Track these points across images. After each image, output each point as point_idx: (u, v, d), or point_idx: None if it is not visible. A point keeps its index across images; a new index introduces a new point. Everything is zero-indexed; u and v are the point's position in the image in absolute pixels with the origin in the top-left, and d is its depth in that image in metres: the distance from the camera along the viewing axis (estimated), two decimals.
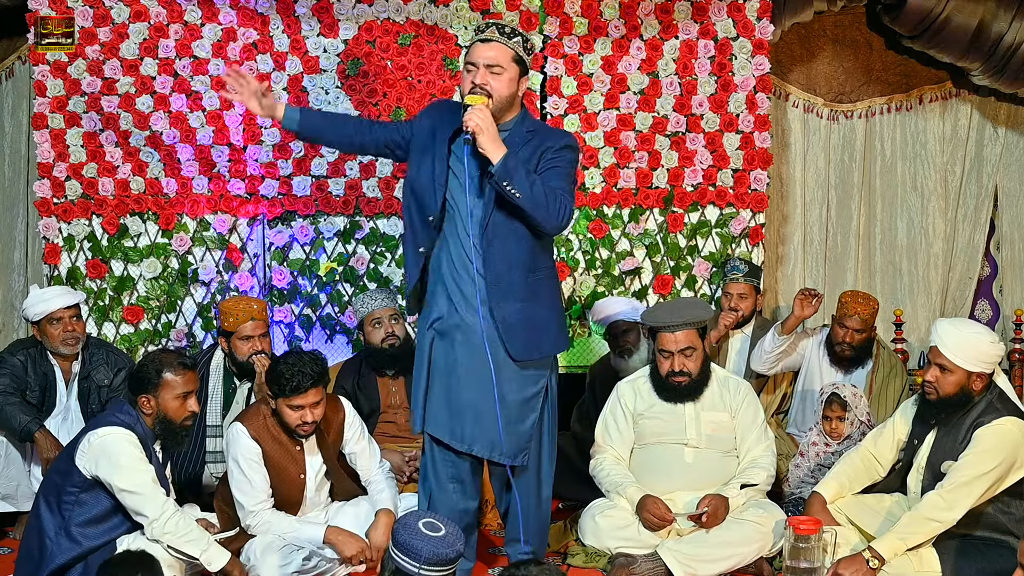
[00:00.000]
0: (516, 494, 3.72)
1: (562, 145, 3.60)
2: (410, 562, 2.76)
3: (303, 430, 3.90)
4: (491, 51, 3.49)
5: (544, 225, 3.53)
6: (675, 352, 4.15)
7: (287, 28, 5.27)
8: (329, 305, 5.38)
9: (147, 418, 3.66)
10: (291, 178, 5.30)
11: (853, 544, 3.85)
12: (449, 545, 2.79)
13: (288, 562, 3.79)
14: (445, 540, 2.80)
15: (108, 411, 3.80)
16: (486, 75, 3.48)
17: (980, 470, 3.66)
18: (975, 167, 6.04)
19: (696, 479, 4.17)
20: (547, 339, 3.66)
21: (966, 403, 3.76)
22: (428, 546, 2.76)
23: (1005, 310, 6.10)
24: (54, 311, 4.48)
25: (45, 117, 5.21)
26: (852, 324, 4.81)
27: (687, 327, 4.15)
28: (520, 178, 3.41)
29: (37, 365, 4.52)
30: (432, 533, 2.80)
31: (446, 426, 3.66)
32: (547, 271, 3.70)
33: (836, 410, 4.44)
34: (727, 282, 5.13)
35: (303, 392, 3.81)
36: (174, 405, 3.67)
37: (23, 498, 4.38)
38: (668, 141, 5.39)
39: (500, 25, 3.53)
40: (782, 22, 5.52)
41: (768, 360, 4.89)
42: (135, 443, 3.57)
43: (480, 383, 3.58)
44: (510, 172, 3.40)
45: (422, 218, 3.62)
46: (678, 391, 4.19)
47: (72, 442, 3.70)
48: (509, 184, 3.40)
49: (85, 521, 3.56)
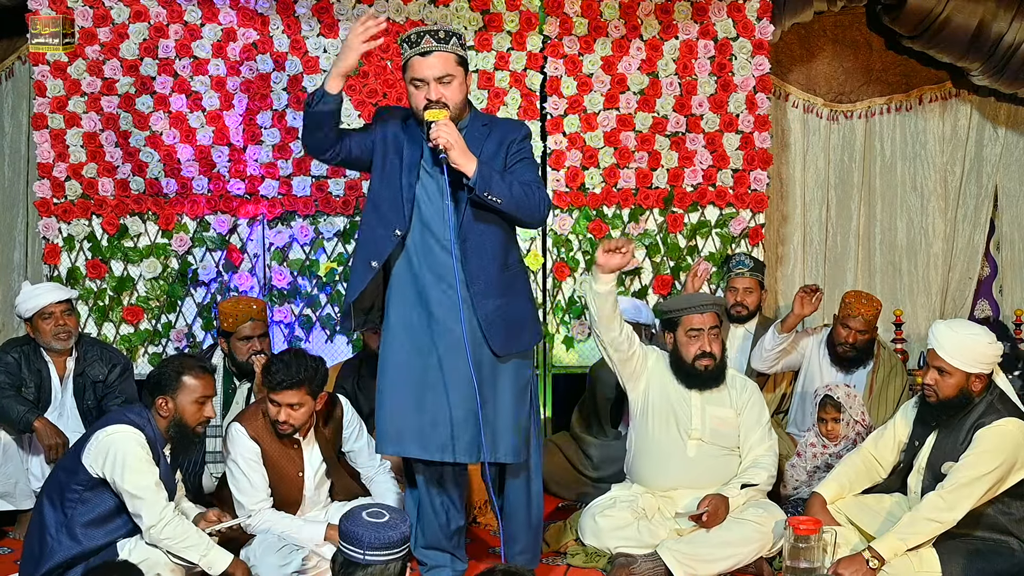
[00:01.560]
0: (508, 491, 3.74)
1: (523, 135, 3.62)
2: (354, 550, 2.77)
3: (281, 428, 3.90)
4: (436, 62, 3.42)
5: (527, 221, 3.59)
6: (705, 330, 4.16)
7: (287, 28, 5.27)
8: (329, 305, 5.38)
9: (162, 420, 3.68)
10: (291, 178, 5.31)
11: (853, 544, 3.84)
12: (392, 527, 2.79)
13: (288, 562, 3.79)
14: (387, 524, 2.79)
15: (119, 410, 3.82)
16: (438, 88, 3.43)
17: (981, 471, 3.65)
18: (975, 167, 6.04)
19: (696, 475, 4.17)
20: (526, 331, 3.66)
21: (966, 404, 3.76)
22: (370, 532, 2.77)
23: (1005, 310, 6.11)
24: (45, 306, 4.48)
25: (45, 117, 5.22)
26: (855, 325, 4.79)
27: (714, 307, 4.21)
28: (497, 184, 3.42)
29: (31, 362, 4.52)
30: (374, 520, 2.80)
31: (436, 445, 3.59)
32: (518, 264, 3.71)
33: (830, 411, 4.43)
34: (732, 276, 5.12)
35: (277, 390, 3.83)
36: (191, 409, 3.69)
37: (22, 496, 4.38)
38: (668, 141, 5.39)
39: (434, 31, 3.45)
40: (782, 22, 5.53)
41: (768, 358, 4.88)
42: (143, 444, 3.58)
43: (469, 388, 3.53)
44: (487, 181, 3.41)
45: (386, 233, 3.55)
46: (702, 377, 4.18)
47: (80, 440, 3.71)
48: (488, 192, 3.41)
49: (88, 520, 3.56)
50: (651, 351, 4.31)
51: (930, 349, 3.80)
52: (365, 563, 2.77)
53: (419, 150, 3.53)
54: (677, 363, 4.23)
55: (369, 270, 3.55)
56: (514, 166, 3.54)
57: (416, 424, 3.58)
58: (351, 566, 2.79)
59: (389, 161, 3.56)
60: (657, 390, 4.23)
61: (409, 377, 3.59)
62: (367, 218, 3.61)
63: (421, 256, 3.56)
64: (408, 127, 3.57)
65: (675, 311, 4.24)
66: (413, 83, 3.45)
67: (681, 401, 4.20)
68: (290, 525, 3.91)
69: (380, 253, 3.55)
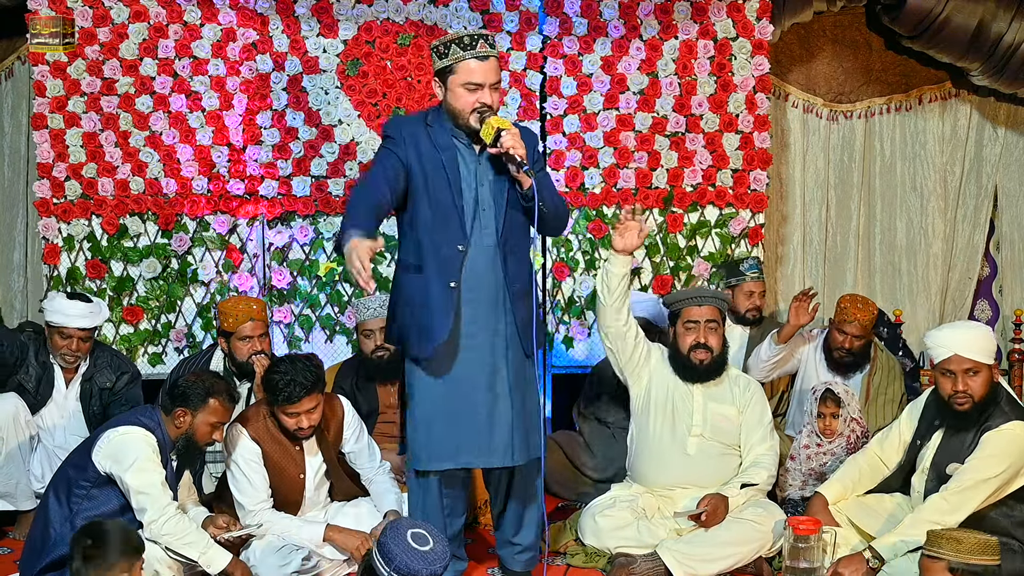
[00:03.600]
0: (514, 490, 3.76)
1: (539, 144, 3.70)
2: (382, 564, 2.77)
3: (301, 434, 3.91)
4: (492, 67, 3.45)
5: (557, 230, 3.74)
6: (701, 322, 4.18)
7: (287, 28, 5.27)
8: (329, 305, 5.38)
9: (175, 430, 3.71)
10: (291, 178, 5.30)
11: (853, 545, 3.85)
12: (427, 562, 2.76)
13: (288, 562, 3.79)
14: (425, 557, 2.77)
15: (131, 412, 3.83)
16: (492, 94, 3.47)
17: (986, 474, 3.63)
18: (975, 167, 6.04)
19: (696, 473, 4.17)
20: (540, 332, 3.68)
21: (996, 399, 3.71)
22: (404, 555, 2.76)
23: (1005, 310, 6.10)
24: (67, 327, 4.46)
25: (45, 117, 5.21)
26: (851, 330, 4.76)
27: (714, 301, 4.23)
28: (544, 193, 3.49)
29: (39, 354, 4.51)
30: (417, 546, 2.78)
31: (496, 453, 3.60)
32: (533, 268, 3.75)
33: (830, 406, 4.41)
34: (746, 281, 5.10)
35: (296, 402, 3.82)
36: (205, 430, 3.73)
37: (22, 497, 4.38)
38: (668, 141, 5.39)
39: (483, 36, 3.47)
40: (782, 22, 5.53)
41: (764, 368, 4.85)
42: (153, 445, 3.61)
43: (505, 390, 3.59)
44: (541, 189, 3.46)
45: (451, 250, 3.51)
46: (697, 370, 4.19)
47: (90, 438, 3.74)
48: (542, 201, 3.47)
49: (92, 516, 3.57)
50: (655, 348, 4.33)
51: (948, 357, 3.71)
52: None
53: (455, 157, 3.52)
54: (675, 355, 4.25)
55: (449, 292, 3.50)
56: (539, 173, 3.56)
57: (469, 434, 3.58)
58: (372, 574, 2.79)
59: (431, 181, 3.52)
60: (659, 386, 4.24)
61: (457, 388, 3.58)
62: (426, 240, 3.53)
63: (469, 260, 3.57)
64: (433, 134, 3.53)
65: (676, 303, 4.29)
66: (465, 86, 3.44)
67: (683, 397, 4.21)
68: (290, 526, 3.92)
69: (453, 272, 3.52)
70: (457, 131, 3.52)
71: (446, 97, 3.49)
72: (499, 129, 3.38)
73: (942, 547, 3.15)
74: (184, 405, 3.69)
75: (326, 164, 5.30)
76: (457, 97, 3.46)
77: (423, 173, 3.51)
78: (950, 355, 3.71)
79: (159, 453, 3.62)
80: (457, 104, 3.47)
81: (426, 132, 3.54)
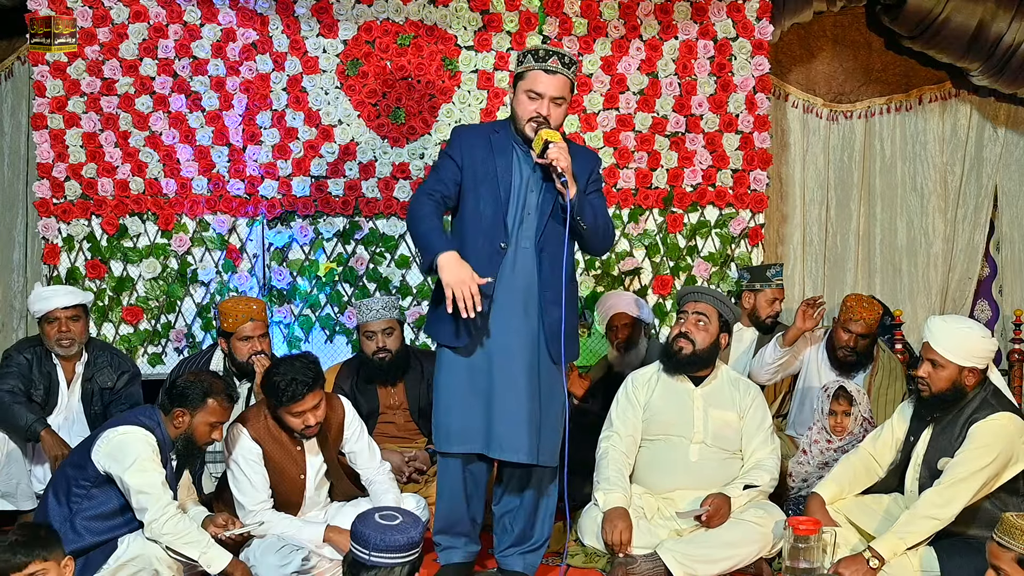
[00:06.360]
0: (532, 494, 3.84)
1: (600, 167, 3.87)
2: (361, 550, 2.78)
3: (309, 432, 3.91)
4: (557, 83, 3.59)
5: (595, 249, 3.82)
6: (690, 313, 4.19)
7: (286, 28, 5.27)
8: (329, 305, 5.38)
9: (174, 430, 3.71)
10: (290, 178, 5.31)
11: (852, 544, 3.85)
12: (400, 531, 2.79)
13: (287, 562, 3.79)
14: (397, 527, 2.80)
15: (131, 412, 3.83)
16: (551, 107, 3.60)
17: (976, 466, 3.67)
18: (975, 167, 6.04)
19: (699, 478, 4.16)
20: (573, 346, 3.79)
21: (959, 399, 3.78)
22: (377, 534, 2.77)
23: (1005, 310, 6.11)
24: (51, 311, 4.47)
25: (44, 117, 5.22)
26: (856, 329, 4.76)
27: (712, 300, 4.22)
28: (588, 210, 3.61)
29: (42, 364, 4.52)
30: (384, 522, 2.81)
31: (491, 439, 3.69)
32: (575, 280, 3.86)
33: (843, 404, 4.42)
34: (770, 288, 5.10)
35: (300, 399, 3.82)
36: (204, 429, 3.73)
37: (23, 497, 4.38)
38: (668, 141, 5.39)
39: (561, 55, 3.60)
40: (781, 22, 5.53)
41: (769, 370, 4.86)
42: (153, 445, 3.61)
43: (531, 390, 3.67)
44: (582, 206, 3.58)
45: (492, 249, 3.66)
46: (675, 359, 4.19)
47: (90, 437, 3.74)
48: (581, 216, 3.58)
49: (91, 516, 3.58)
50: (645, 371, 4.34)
51: (924, 342, 3.82)
52: (370, 564, 2.77)
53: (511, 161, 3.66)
54: (665, 349, 4.26)
55: (486, 286, 3.59)
56: (591, 194, 3.70)
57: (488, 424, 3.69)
58: (357, 566, 2.79)
59: (482, 181, 3.67)
60: (659, 395, 4.24)
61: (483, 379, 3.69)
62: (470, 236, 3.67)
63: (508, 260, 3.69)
64: (495, 139, 3.69)
65: (680, 298, 4.34)
66: (528, 94, 3.60)
67: (684, 403, 4.20)
68: (290, 526, 3.92)
69: (492, 268, 3.64)
70: (518, 137, 3.68)
71: (513, 101, 3.66)
72: (547, 141, 3.52)
73: (1015, 537, 3.10)
74: (182, 405, 3.70)
75: (326, 164, 5.30)
76: (520, 103, 3.63)
77: (474, 174, 3.69)
78: (926, 341, 3.80)
79: (159, 453, 3.62)
80: (519, 109, 3.63)
81: (488, 137, 3.72)
